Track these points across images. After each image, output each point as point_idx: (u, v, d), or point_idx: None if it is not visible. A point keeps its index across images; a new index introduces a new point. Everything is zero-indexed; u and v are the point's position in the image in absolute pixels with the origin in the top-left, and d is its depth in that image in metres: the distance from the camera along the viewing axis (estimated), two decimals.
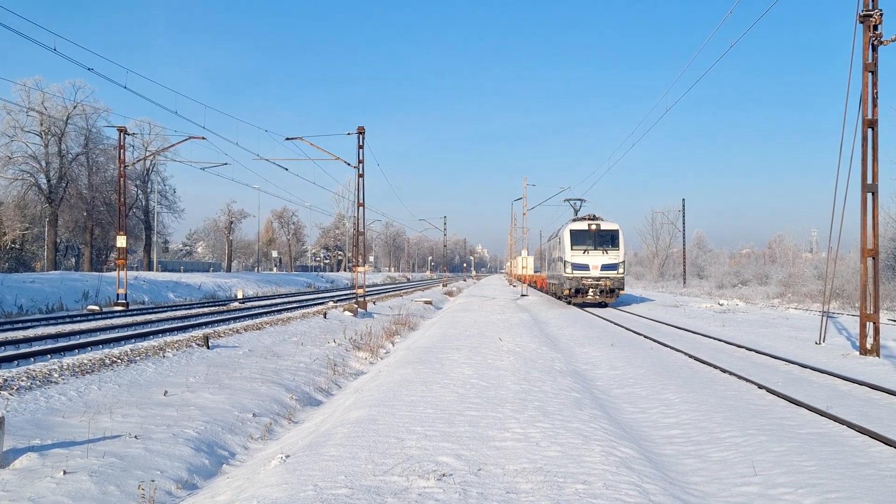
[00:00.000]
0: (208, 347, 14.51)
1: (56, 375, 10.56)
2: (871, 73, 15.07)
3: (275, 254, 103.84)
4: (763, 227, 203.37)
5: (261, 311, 28.19)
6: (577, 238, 34.01)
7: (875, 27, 15.07)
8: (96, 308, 27.41)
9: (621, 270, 33.65)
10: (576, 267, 33.67)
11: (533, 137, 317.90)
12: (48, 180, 51.35)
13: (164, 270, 67.22)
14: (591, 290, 33.55)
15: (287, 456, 6.67)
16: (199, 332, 17.59)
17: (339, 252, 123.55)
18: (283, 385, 11.34)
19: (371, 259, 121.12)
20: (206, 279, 48.34)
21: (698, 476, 6.81)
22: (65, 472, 6.20)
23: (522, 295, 47.09)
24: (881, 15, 15.00)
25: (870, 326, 15.15)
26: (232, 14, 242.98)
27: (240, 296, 40.19)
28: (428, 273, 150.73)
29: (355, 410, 8.64)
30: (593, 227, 33.99)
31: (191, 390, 10.15)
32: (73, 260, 63.27)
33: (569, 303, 35.69)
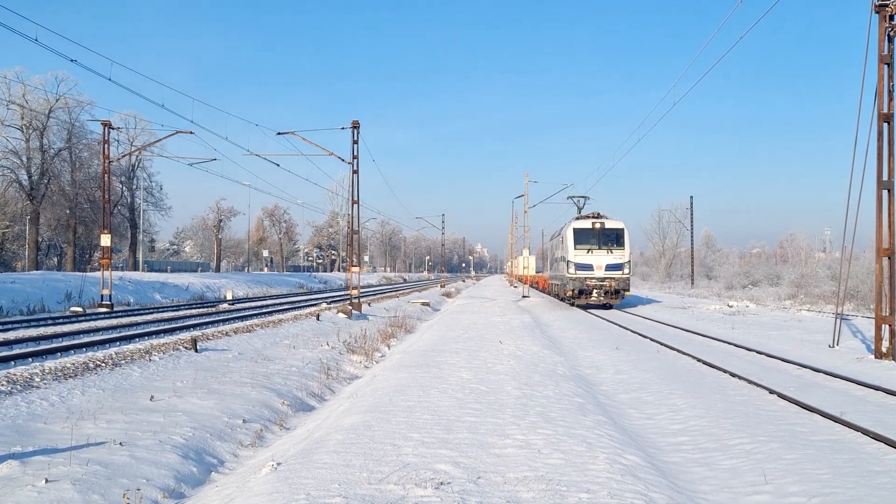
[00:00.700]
0: (196, 351, 14.49)
1: (38, 380, 10.55)
2: (887, 65, 15.09)
3: (266, 253, 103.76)
4: (774, 226, 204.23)
5: (251, 312, 28.18)
6: (581, 237, 34.03)
7: (891, 17, 15.09)
8: (80, 310, 27.37)
9: (627, 271, 33.67)
10: (579, 267, 33.69)
11: (535, 132, 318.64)
12: (29, 176, 51.26)
13: (150, 270, 67.21)
14: (595, 291, 33.57)
15: (278, 463, 6.66)
16: (186, 335, 17.57)
17: (333, 251, 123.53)
18: (275, 390, 11.33)
19: (366, 259, 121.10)
20: (194, 280, 48.30)
21: (707, 485, 6.82)
22: (47, 481, 6.19)
23: (524, 296, 47.11)
24: None
25: (885, 329, 15.18)
26: (221, 3, 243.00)
27: (229, 297, 40.16)
28: (425, 273, 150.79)
29: (349, 416, 8.63)
30: (597, 226, 34.01)
31: (178, 395, 10.14)
32: (56, 259, 63.23)
33: (572, 304, 35.71)
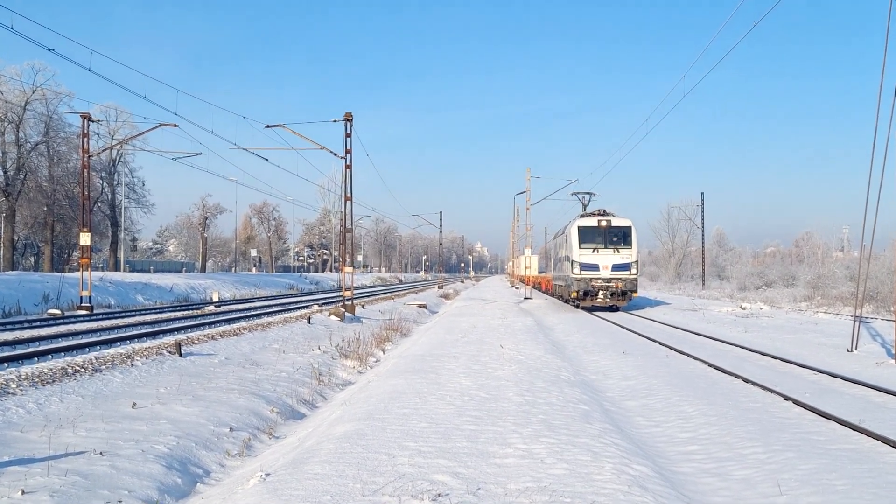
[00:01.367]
0: (181, 355, 14.50)
1: (13, 386, 10.53)
2: None
3: (254, 252, 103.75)
4: (789, 224, 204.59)
5: (238, 315, 28.17)
6: (586, 235, 34.04)
7: None
8: (58, 312, 27.33)
9: (634, 271, 33.70)
10: (584, 267, 33.71)
11: (537, 125, 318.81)
12: (4, 172, 51.20)
13: (132, 271, 67.18)
14: (600, 292, 33.59)
15: (267, 474, 6.66)
16: (170, 339, 17.57)
17: (325, 251, 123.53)
18: (263, 397, 11.34)
19: (360, 258, 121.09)
20: (178, 280, 48.28)
21: (719, 496, 6.83)
22: (23, 492, 6.19)
23: (526, 298, 47.14)
24: None
25: None
26: None
27: (215, 299, 40.15)
28: (422, 274, 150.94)
29: (342, 424, 8.63)
30: (604, 224, 34.03)
31: (162, 402, 10.14)
32: (33, 259, 63.19)
33: (577, 306, 35.74)
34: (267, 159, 33.51)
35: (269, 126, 28.93)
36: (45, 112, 53.14)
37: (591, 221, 34.46)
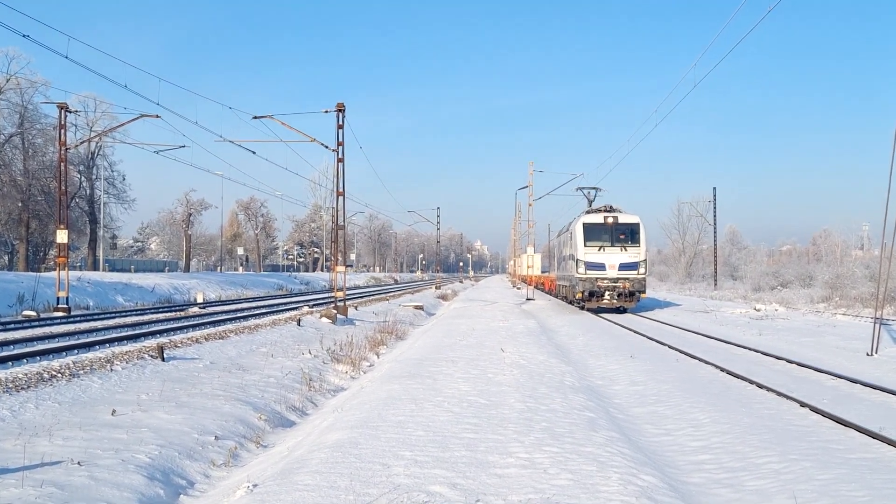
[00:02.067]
0: (163, 359, 14.49)
1: None
2: None
3: (241, 251, 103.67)
4: (806, 221, 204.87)
5: (224, 317, 28.17)
6: (592, 233, 34.05)
7: None
8: (33, 314, 27.31)
9: (642, 270, 33.72)
10: (590, 266, 33.72)
11: (541, 117, 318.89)
12: None
13: (112, 270, 67.09)
14: (607, 293, 33.62)
15: (254, 485, 6.66)
16: (152, 342, 17.57)
17: (316, 249, 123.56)
18: (251, 403, 11.34)
19: (353, 257, 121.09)
20: (160, 280, 48.29)
21: None
22: None
23: (528, 299, 47.19)
24: None
25: None
26: None
27: (200, 300, 40.15)
28: (418, 273, 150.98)
29: (334, 432, 8.63)
30: (610, 221, 34.05)
31: (143, 409, 10.13)
32: (6, 258, 63.06)
33: (582, 308, 35.77)
34: (254, 152, 33.51)
35: (256, 117, 28.93)
36: (20, 102, 53.04)
37: (597, 218, 34.47)
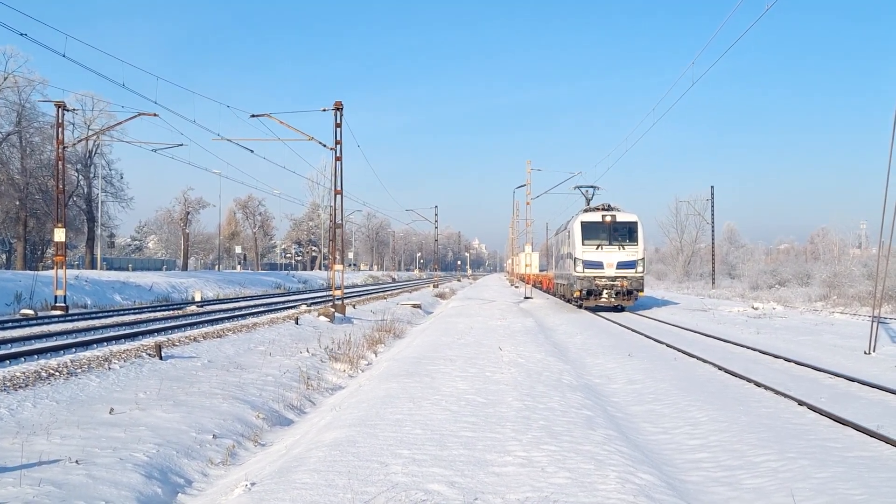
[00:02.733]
0: (161, 358, 14.49)
1: None
2: None
3: (238, 249, 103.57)
4: (804, 219, 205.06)
5: (222, 315, 28.13)
6: (590, 231, 34.05)
7: None
8: (31, 312, 27.28)
9: (640, 269, 33.74)
10: (588, 265, 33.73)
11: (539, 116, 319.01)
12: None
13: (109, 269, 67.09)
14: (605, 291, 33.62)
15: (252, 483, 6.66)
16: (150, 341, 17.56)
17: (314, 247, 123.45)
18: (249, 402, 11.33)
19: (350, 256, 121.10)
20: (158, 279, 48.22)
21: None
22: None
23: (526, 297, 47.20)
24: None
25: None
26: None
27: (198, 298, 40.11)
28: (416, 272, 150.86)
29: (332, 431, 8.63)
30: (608, 219, 34.05)
31: (141, 408, 10.13)
32: (4, 256, 63.00)
33: (579, 306, 35.79)
34: (252, 151, 33.40)
35: (254, 115, 28.90)
36: (17, 100, 52.95)
37: (595, 217, 34.47)
